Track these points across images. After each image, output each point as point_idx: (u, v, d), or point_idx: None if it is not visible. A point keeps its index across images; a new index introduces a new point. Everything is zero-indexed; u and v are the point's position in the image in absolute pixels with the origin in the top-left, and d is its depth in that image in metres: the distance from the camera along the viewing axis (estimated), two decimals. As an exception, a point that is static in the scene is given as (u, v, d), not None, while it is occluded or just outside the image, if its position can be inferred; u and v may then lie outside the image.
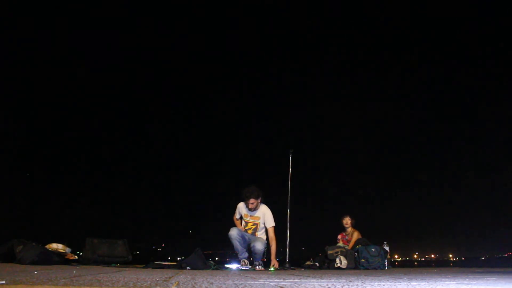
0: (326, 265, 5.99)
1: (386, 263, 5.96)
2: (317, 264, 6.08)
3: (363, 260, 5.82)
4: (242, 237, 5.36)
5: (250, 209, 5.42)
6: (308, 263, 6.25)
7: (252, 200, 5.36)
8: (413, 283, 2.20)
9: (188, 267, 4.22)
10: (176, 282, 1.91)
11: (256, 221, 5.46)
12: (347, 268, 5.74)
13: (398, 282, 2.32)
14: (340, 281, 2.33)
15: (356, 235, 6.71)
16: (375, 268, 5.70)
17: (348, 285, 1.94)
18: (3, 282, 1.64)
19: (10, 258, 4.15)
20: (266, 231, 5.48)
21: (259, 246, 5.23)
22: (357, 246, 6.07)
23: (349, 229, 6.86)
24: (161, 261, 5.20)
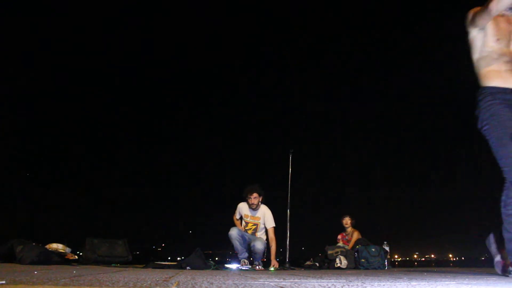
0: (326, 265, 5.99)
1: (386, 263, 5.96)
2: (317, 264, 6.08)
3: (363, 260, 5.82)
4: (242, 237, 5.36)
5: (251, 207, 5.41)
6: (308, 263, 6.25)
7: (254, 195, 5.33)
8: (413, 283, 2.20)
9: (188, 267, 4.21)
10: (176, 282, 1.90)
11: (256, 222, 5.46)
12: (347, 268, 5.74)
13: (398, 282, 2.32)
14: (340, 281, 2.33)
15: (356, 235, 6.72)
16: (375, 268, 5.70)
17: (348, 285, 1.94)
18: (3, 282, 1.64)
19: (10, 258, 4.15)
20: (266, 231, 5.49)
21: (259, 246, 5.23)
22: (357, 246, 6.07)
23: (349, 229, 6.87)
24: (161, 261, 5.20)
